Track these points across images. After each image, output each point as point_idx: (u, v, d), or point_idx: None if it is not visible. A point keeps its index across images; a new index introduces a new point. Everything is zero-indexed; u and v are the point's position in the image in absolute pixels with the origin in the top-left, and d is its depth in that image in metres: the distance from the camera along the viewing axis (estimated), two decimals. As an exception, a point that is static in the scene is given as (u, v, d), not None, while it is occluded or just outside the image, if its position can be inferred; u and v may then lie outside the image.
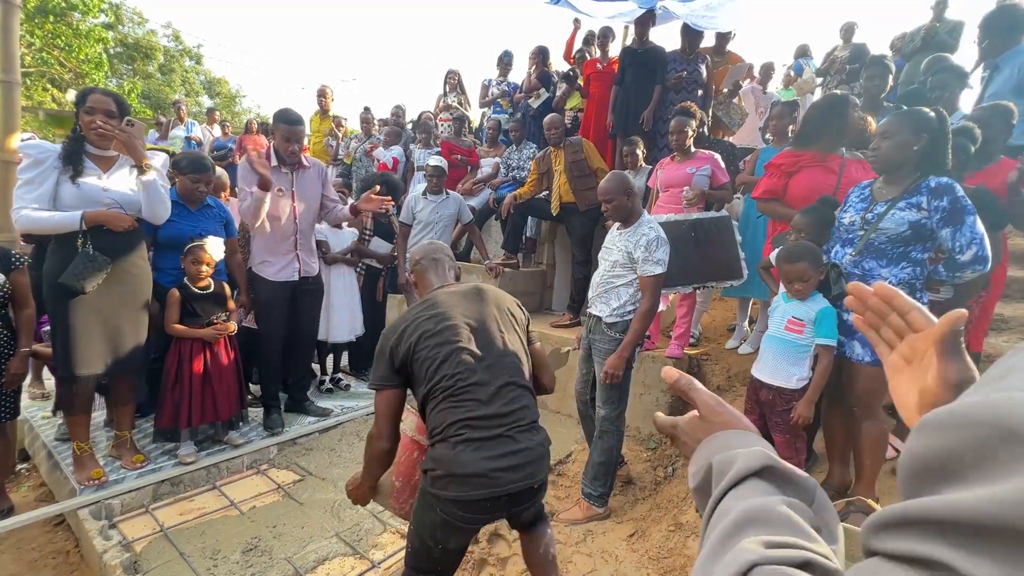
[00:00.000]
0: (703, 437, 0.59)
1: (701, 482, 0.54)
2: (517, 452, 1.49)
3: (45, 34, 14.53)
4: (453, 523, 1.49)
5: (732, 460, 0.50)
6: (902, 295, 0.60)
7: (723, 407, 0.61)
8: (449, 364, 1.53)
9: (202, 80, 25.51)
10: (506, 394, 1.55)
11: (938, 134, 1.84)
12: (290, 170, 3.05)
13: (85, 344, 2.34)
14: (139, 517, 2.49)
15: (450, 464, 1.45)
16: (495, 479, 1.45)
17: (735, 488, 0.47)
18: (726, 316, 4.19)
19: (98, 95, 2.29)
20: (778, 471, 0.48)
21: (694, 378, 0.64)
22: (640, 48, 4.34)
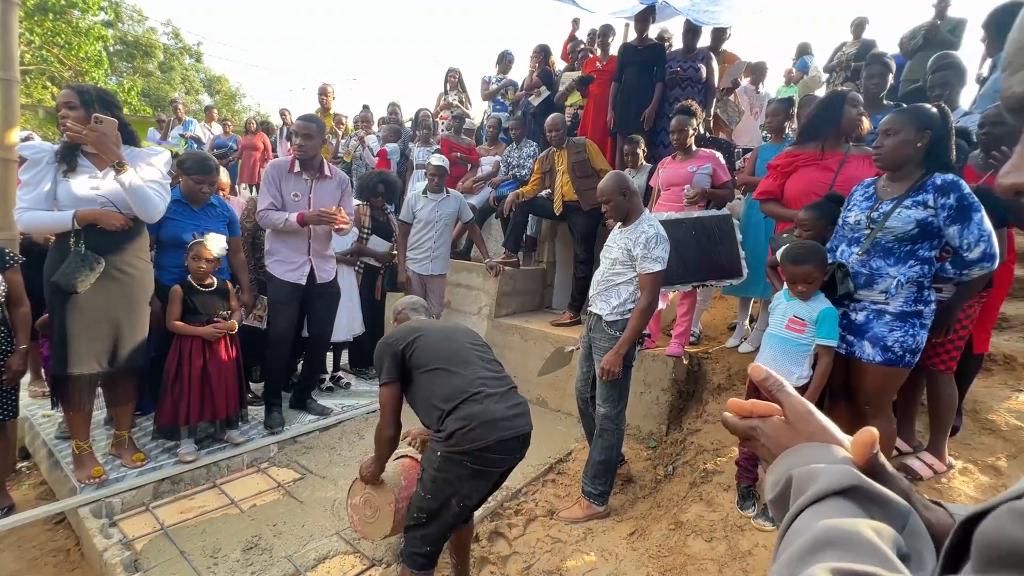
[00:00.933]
0: (788, 445, 0.56)
1: (779, 494, 0.51)
2: (519, 403, 1.87)
3: (45, 32, 14.51)
4: (484, 469, 1.77)
5: (815, 475, 0.47)
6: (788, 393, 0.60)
7: (813, 416, 0.57)
8: (449, 343, 1.94)
9: (202, 78, 25.50)
10: (495, 367, 1.96)
11: (941, 131, 1.83)
12: (310, 177, 3.08)
13: (80, 343, 2.33)
14: (139, 515, 2.49)
15: (482, 415, 1.75)
16: (514, 422, 1.80)
17: (815, 505, 0.44)
18: (726, 314, 4.19)
19: (64, 91, 2.26)
20: (867, 492, 0.45)
21: (783, 379, 0.61)
22: (640, 45, 4.33)
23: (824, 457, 0.51)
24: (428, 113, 6.17)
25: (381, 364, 1.91)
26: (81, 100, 2.24)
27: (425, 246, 4.03)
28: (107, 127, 2.22)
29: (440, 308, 4.28)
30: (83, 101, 2.24)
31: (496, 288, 4.32)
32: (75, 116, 2.21)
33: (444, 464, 1.76)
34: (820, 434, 0.56)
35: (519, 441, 1.82)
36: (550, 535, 2.46)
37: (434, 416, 1.80)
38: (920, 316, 1.88)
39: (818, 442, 0.55)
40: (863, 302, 1.96)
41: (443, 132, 5.74)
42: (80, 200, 2.27)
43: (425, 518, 1.80)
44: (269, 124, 8.54)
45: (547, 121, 4.10)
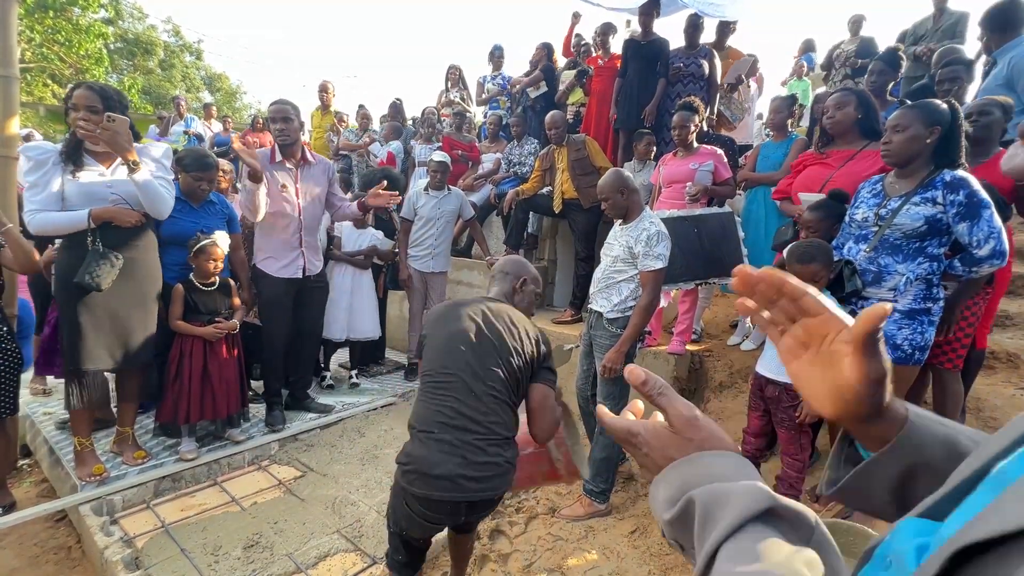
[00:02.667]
0: (676, 455, 0.51)
1: (678, 514, 0.46)
2: (485, 464, 1.52)
3: (45, 29, 14.50)
4: (414, 517, 1.58)
5: (725, 499, 0.43)
6: (791, 281, 0.54)
7: (700, 421, 0.53)
8: (445, 356, 1.62)
9: (203, 76, 25.48)
10: (486, 403, 1.57)
11: (952, 127, 1.81)
12: (294, 166, 3.03)
13: (94, 339, 2.35)
14: (140, 513, 2.49)
15: (421, 462, 1.52)
16: (460, 486, 1.49)
17: (735, 538, 0.40)
18: (728, 312, 4.17)
19: (81, 90, 2.22)
20: (780, 512, 0.41)
21: (664, 380, 0.56)
22: (643, 40, 4.30)
23: (727, 469, 0.47)
24: (434, 111, 6.16)
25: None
26: (104, 103, 2.22)
27: (426, 243, 4.02)
28: (120, 126, 2.20)
29: (441, 306, 4.27)
30: (106, 105, 2.23)
31: (497, 286, 4.31)
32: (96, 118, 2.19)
33: (394, 487, 1.64)
34: (711, 441, 0.51)
35: (460, 506, 1.52)
36: (551, 533, 2.45)
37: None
38: (928, 313, 1.87)
39: (711, 450, 0.50)
40: (871, 300, 1.95)
41: (445, 129, 5.73)
42: (90, 198, 2.27)
43: (389, 527, 1.74)
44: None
45: (547, 119, 4.08)
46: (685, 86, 4.19)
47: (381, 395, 3.86)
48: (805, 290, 0.54)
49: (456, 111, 5.80)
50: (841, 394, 0.51)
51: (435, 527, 1.64)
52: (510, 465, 1.58)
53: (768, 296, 0.56)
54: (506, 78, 5.92)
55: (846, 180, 2.33)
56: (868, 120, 2.40)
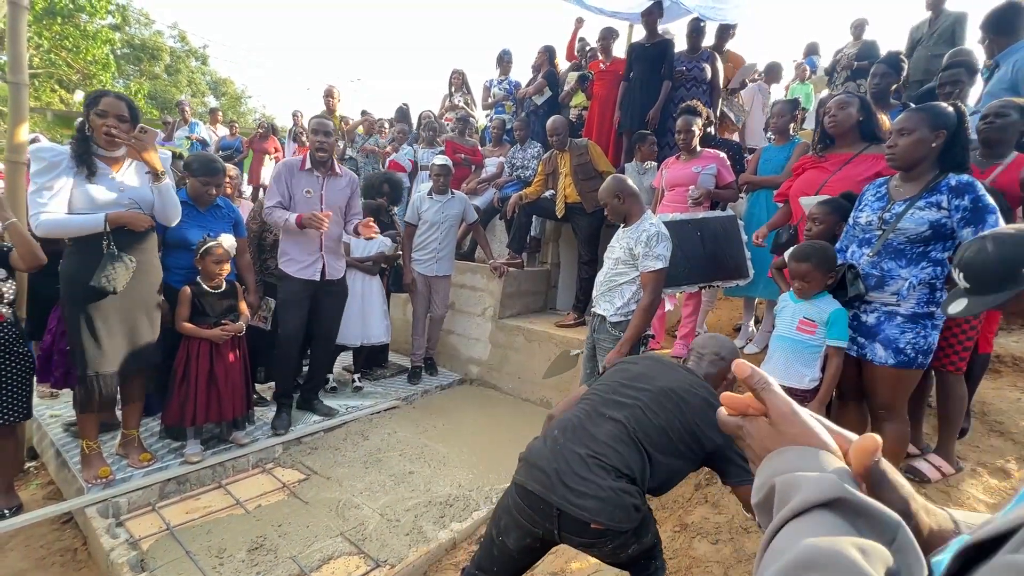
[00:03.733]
0: (772, 447, 0.54)
1: (763, 500, 0.49)
2: (585, 479, 1.43)
3: (53, 35, 14.65)
4: (512, 511, 1.52)
5: (797, 484, 0.45)
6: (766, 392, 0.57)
7: (798, 417, 0.54)
8: (603, 385, 1.63)
9: (208, 80, 25.67)
10: (611, 430, 1.50)
11: (957, 130, 1.80)
12: (321, 174, 3.13)
13: (106, 343, 2.37)
14: (145, 515, 2.50)
15: (530, 453, 1.53)
16: (552, 485, 1.43)
17: (798, 519, 0.42)
18: (731, 316, 4.17)
19: (111, 99, 2.30)
20: (852, 504, 0.42)
21: (770, 376, 0.58)
22: (648, 43, 4.32)
23: (808, 463, 0.49)
24: (430, 114, 6.18)
25: None
26: (131, 114, 2.34)
27: (430, 247, 4.04)
28: (150, 138, 2.35)
29: (445, 309, 4.28)
30: (132, 115, 2.35)
31: (500, 289, 4.32)
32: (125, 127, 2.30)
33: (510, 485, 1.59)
34: (803, 436, 0.53)
35: (551, 510, 1.43)
36: (555, 537, 2.45)
37: None
38: (932, 317, 1.86)
39: (802, 445, 0.52)
40: (874, 304, 1.94)
41: (448, 134, 5.75)
42: (102, 203, 2.30)
43: (488, 534, 1.63)
44: (275, 127, 8.59)
45: (548, 125, 4.10)
46: (688, 90, 4.20)
47: (384, 399, 3.87)
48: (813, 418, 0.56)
49: (459, 115, 5.83)
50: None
51: (528, 529, 1.50)
52: (614, 496, 1.41)
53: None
54: (513, 83, 5.94)
55: (842, 184, 2.35)
56: (868, 124, 2.42)
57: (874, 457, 0.48)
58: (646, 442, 1.49)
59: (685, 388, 1.57)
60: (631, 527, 1.43)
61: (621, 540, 1.45)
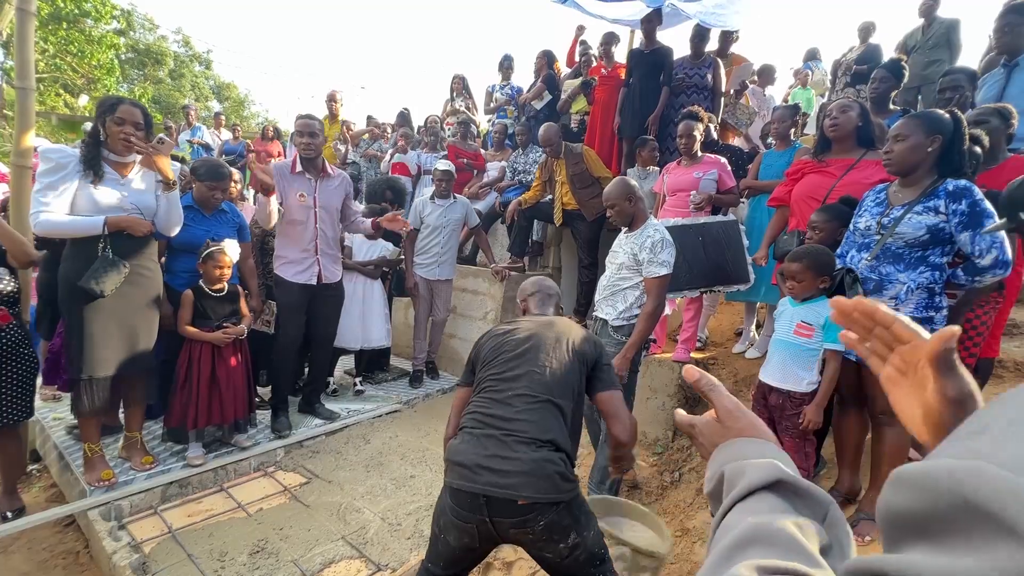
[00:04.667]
0: (719, 441, 0.59)
1: (714, 488, 0.54)
2: (506, 458, 1.45)
3: (58, 40, 14.78)
4: (447, 512, 1.52)
5: (742, 471, 0.50)
6: (882, 308, 0.60)
7: (742, 412, 0.61)
8: (492, 365, 1.66)
9: (211, 85, 25.83)
10: (519, 403, 1.55)
11: (953, 136, 1.82)
12: (314, 177, 3.12)
13: (100, 346, 2.38)
14: (148, 518, 2.51)
15: (452, 451, 1.54)
16: (476, 475, 1.44)
17: (743, 501, 0.47)
18: (733, 320, 4.17)
19: (127, 106, 2.33)
20: (790, 485, 0.46)
21: (716, 379, 0.64)
22: (647, 49, 4.34)
23: (753, 451, 0.54)
24: (436, 119, 6.21)
25: (465, 366, 1.82)
26: (145, 121, 2.39)
27: (432, 251, 4.05)
28: (167, 149, 2.41)
29: (447, 313, 4.29)
30: (147, 123, 2.40)
31: (502, 293, 4.33)
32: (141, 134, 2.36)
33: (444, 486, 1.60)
34: (748, 430, 0.58)
35: (478, 501, 1.43)
36: (556, 541, 2.44)
37: None
38: (931, 322, 1.87)
39: (747, 437, 0.57)
40: None
41: (450, 138, 5.78)
42: (104, 207, 2.32)
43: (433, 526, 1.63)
44: (279, 131, 8.63)
45: (540, 134, 4.05)
46: (689, 96, 4.22)
47: (386, 402, 3.88)
48: (895, 317, 0.58)
49: (461, 120, 5.86)
50: (930, 417, 0.54)
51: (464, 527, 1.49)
52: (541, 469, 1.43)
53: (863, 324, 0.61)
54: (515, 88, 5.97)
55: (850, 189, 2.35)
56: (866, 130, 2.45)
57: (949, 343, 0.51)
58: (555, 397, 1.56)
59: (562, 327, 1.73)
60: (561, 499, 1.44)
61: (553, 517, 1.44)
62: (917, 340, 0.56)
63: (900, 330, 0.58)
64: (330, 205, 3.19)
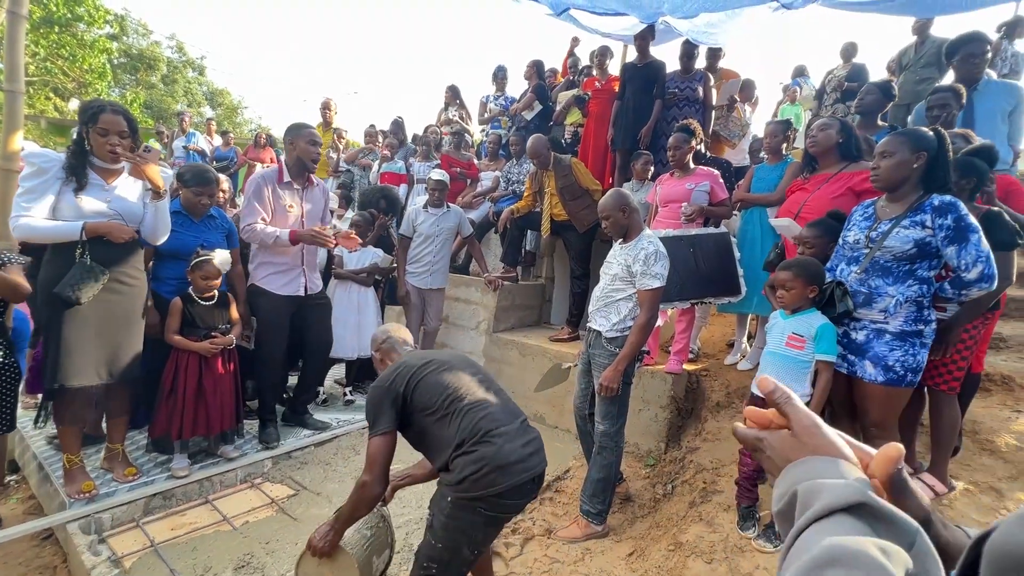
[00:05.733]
0: (794, 458, 0.56)
1: (784, 507, 0.51)
2: (533, 439, 1.74)
3: (50, 44, 14.69)
4: (498, 516, 1.67)
5: (820, 490, 0.47)
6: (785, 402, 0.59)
7: (819, 429, 0.57)
8: (453, 377, 1.76)
9: (204, 91, 25.75)
10: (502, 396, 1.81)
11: (938, 152, 1.86)
12: (300, 186, 3.10)
13: (78, 354, 2.30)
14: (129, 532, 2.44)
15: (496, 457, 1.61)
16: (529, 463, 1.67)
17: (820, 522, 0.44)
18: (725, 331, 4.19)
19: (108, 115, 2.26)
20: (874, 509, 0.44)
21: (791, 391, 0.61)
22: (640, 64, 4.40)
23: (830, 471, 0.50)
24: (436, 130, 6.24)
25: (378, 412, 1.67)
26: (130, 127, 2.33)
27: (425, 260, 4.04)
28: (153, 157, 2.38)
29: (438, 322, 4.27)
30: (131, 128, 2.33)
31: (495, 303, 4.32)
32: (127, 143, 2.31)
33: (455, 511, 1.62)
34: (826, 448, 0.55)
35: (534, 482, 1.71)
36: (548, 555, 2.42)
37: (444, 457, 1.65)
38: (920, 336, 1.89)
39: (824, 456, 0.54)
40: (863, 321, 1.97)
41: (444, 148, 5.80)
42: (87, 214, 2.27)
43: (435, 568, 1.66)
44: (272, 137, 8.61)
45: (528, 148, 4.04)
46: (681, 109, 4.28)
47: (376, 412, 3.83)
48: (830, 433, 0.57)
49: (455, 129, 5.88)
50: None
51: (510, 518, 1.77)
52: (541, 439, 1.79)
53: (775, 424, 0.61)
54: (509, 99, 6.02)
55: (817, 203, 2.50)
56: (848, 144, 2.58)
57: (897, 465, 0.49)
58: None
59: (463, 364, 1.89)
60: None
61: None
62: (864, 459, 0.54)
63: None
64: (314, 213, 3.17)
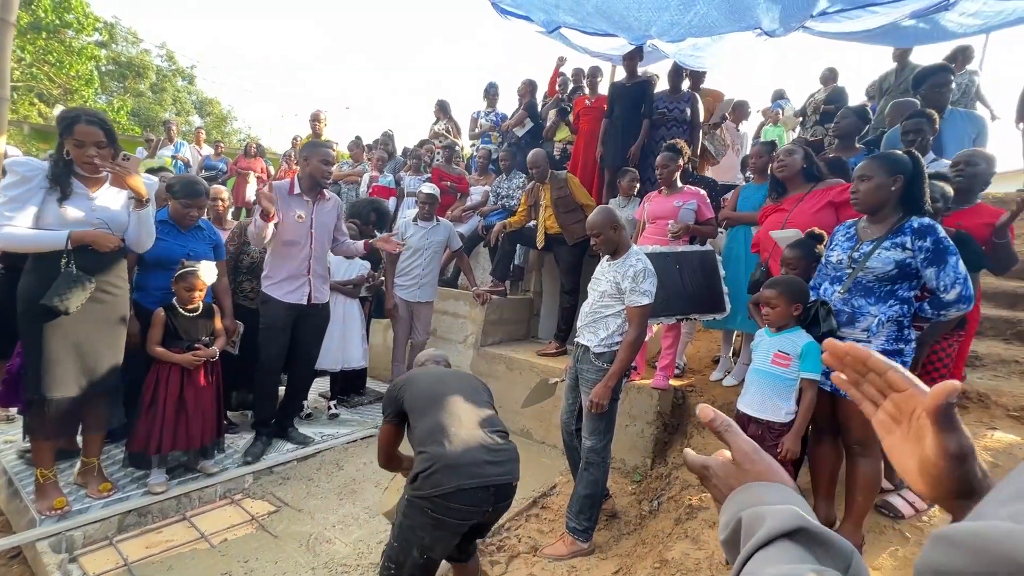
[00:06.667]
0: (736, 485, 0.57)
1: (730, 535, 0.52)
2: (498, 451, 1.74)
3: (36, 49, 14.53)
4: (443, 519, 1.66)
5: (762, 517, 0.48)
6: (876, 356, 0.59)
7: (760, 455, 0.58)
8: (438, 385, 1.92)
9: (193, 100, 25.61)
10: (483, 410, 1.89)
11: (913, 174, 1.92)
12: (311, 199, 3.12)
13: (60, 365, 2.26)
14: (101, 550, 2.36)
15: (445, 457, 1.65)
16: (484, 471, 1.67)
17: (763, 550, 0.45)
18: (710, 347, 4.23)
19: (83, 126, 2.20)
20: (811, 533, 0.45)
21: (730, 419, 0.62)
22: (628, 83, 4.50)
23: (772, 496, 0.52)
24: (431, 146, 6.28)
25: (385, 406, 2.00)
26: (107, 136, 2.28)
27: (413, 273, 4.03)
28: (133, 165, 2.32)
29: (426, 335, 4.25)
30: (109, 138, 2.29)
31: (483, 317, 4.31)
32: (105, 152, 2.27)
33: (408, 509, 1.72)
34: (766, 473, 0.56)
35: (488, 492, 1.69)
36: (533, 573, 2.39)
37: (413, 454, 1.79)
38: (901, 355, 1.93)
39: (764, 481, 0.55)
40: (846, 340, 2.00)
41: (435, 161, 5.83)
42: (71, 222, 2.23)
43: (393, 568, 1.75)
44: (262, 148, 8.58)
45: (528, 158, 4.16)
46: (669, 129, 4.36)
47: (361, 427, 3.78)
48: (889, 365, 0.58)
49: (445, 144, 5.92)
50: (927, 470, 0.53)
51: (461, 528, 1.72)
52: (516, 453, 1.82)
53: (856, 368, 0.61)
54: (500, 115, 6.09)
55: (800, 217, 2.62)
56: (811, 169, 2.77)
57: (950, 398, 0.50)
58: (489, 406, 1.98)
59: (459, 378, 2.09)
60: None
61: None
62: (913, 390, 0.56)
63: (894, 378, 0.58)
64: (324, 226, 3.21)
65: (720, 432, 0.61)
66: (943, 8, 3.22)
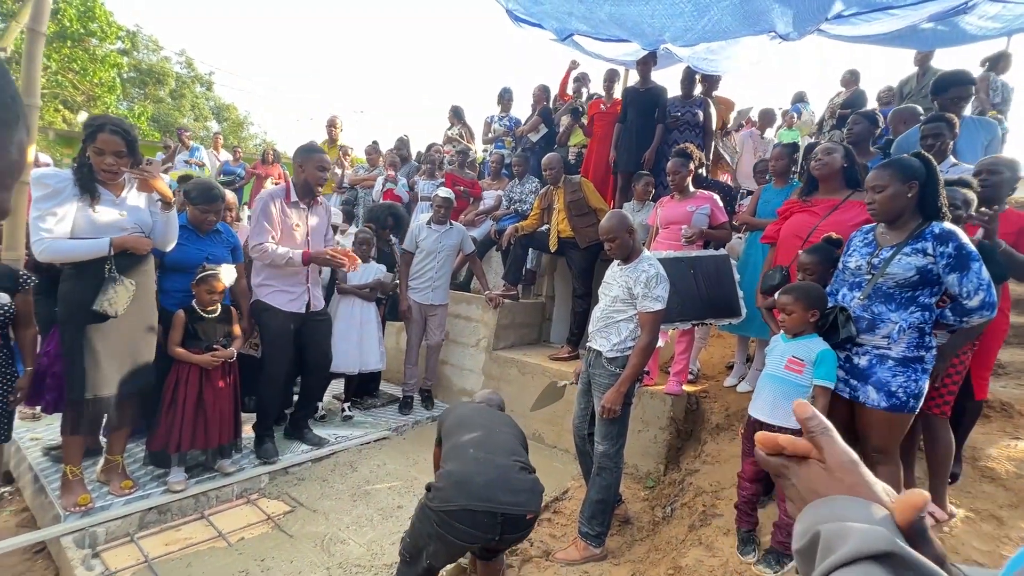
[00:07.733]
0: (824, 493, 0.52)
1: (806, 547, 0.48)
2: (516, 481, 1.74)
3: (62, 58, 14.97)
4: (446, 536, 1.67)
5: (846, 534, 0.44)
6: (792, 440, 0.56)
7: (858, 467, 0.53)
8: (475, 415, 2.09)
9: (211, 106, 26.12)
10: (506, 443, 1.94)
11: (927, 179, 1.89)
12: (307, 205, 3.14)
13: (104, 366, 2.36)
14: (123, 546, 2.41)
15: (457, 475, 1.69)
16: (496, 496, 1.66)
17: (845, 568, 0.41)
18: (724, 353, 4.20)
19: (106, 135, 2.27)
20: (903, 559, 0.41)
21: (829, 423, 0.56)
22: (642, 88, 4.51)
23: (859, 514, 0.47)
24: (439, 149, 6.35)
25: (437, 431, 2.16)
26: (128, 146, 2.34)
27: (427, 276, 4.07)
28: (156, 169, 2.44)
29: (442, 335, 4.28)
30: (129, 148, 2.35)
31: (495, 320, 4.33)
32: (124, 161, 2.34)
33: (420, 513, 1.79)
34: (860, 488, 0.51)
35: (495, 519, 1.65)
36: (546, 577, 2.39)
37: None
38: (922, 362, 1.90)
39: (855, 496, 0.50)
40: (866, 347, 1.98)
41: (447, 166, 5.88)
42: (104, 226, 2.31)
43: (407, 557, 1.85)
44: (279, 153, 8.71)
45: (543, 160, 4.22)
46: (682, 133, 4.36)
47: (375, 429, 3.82)
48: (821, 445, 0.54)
49: (459, 148, 5.97)
50: None
51: (464, 548, 1.78)
52: (538, 486, 1.82)
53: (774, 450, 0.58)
54: (513, 120, 6.13)
55: (833, 229, 2.43)
56: (852, 171, 2.59)
57: (921, 512, 0.46)
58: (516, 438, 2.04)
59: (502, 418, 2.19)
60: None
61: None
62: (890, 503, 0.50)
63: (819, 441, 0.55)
64: (319, 231, 3.22)
65: (816, 433, 0.55)
66: (962, 11, 3.18)
